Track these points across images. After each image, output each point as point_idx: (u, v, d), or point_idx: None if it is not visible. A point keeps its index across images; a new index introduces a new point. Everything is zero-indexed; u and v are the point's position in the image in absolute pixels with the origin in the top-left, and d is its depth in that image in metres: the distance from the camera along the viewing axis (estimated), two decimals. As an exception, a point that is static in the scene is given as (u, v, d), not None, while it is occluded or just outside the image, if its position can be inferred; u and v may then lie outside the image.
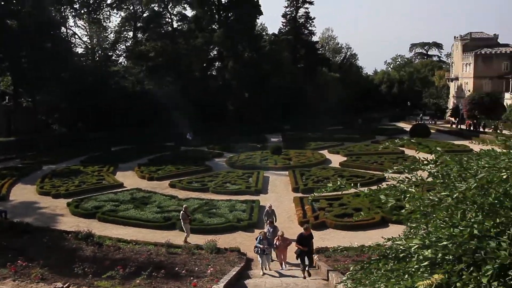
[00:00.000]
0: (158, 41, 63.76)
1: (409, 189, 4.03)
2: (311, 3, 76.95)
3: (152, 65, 62.22)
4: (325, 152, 43.76)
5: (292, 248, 16.77)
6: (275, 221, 20.07)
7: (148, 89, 61.44)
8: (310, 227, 18.34)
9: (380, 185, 4.09)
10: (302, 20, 77.84)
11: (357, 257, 15.44)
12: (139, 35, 70.21)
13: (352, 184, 3.96)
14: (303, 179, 31.64)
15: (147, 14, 68.67)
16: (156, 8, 67.50)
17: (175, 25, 69.19)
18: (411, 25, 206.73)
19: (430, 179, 4.22)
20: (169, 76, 62.25)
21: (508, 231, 3.50)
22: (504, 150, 4.25)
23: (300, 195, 27.36)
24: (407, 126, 62.98)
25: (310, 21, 77.85)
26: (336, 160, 39.51)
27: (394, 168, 4.55)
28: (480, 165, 3.91)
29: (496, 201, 3.64)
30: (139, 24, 69.67)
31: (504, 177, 3.72)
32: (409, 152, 38.56)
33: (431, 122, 69.35)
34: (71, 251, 16.53)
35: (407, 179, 4.04)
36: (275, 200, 26.45)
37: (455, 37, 75.52)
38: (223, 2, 68.11)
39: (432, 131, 56.80)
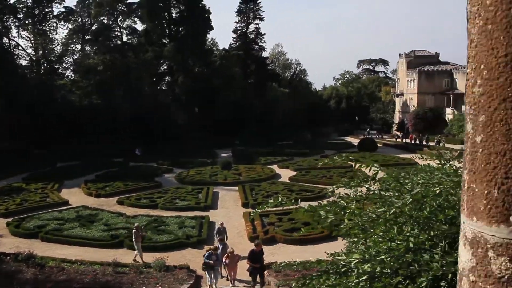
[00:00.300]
0: (107, 54, 62.59)
1: (349, 205, 4.13)
2: (261, 19, 77.98)
3: (100, 79, 60.93)
4: (275, 167, 44.04)
5: (243, 265, 16.71)
6: (226, 239, 19.97)
7: (97, 104, 60.11)
8: (261, 242, 18.36)
9: (320, 201, 4.16)
10: (253, 35, 78.61)
11: (307, 271, 15.54)
12: (87, 48, 68.77)
13: (293, 200, 4.01)
14: (252, 194, 31.69)
15: (96, 26, 67.35)
16: (105, 21, 66.31)
17: (124, 38, 68.16)
18: (358, 42, 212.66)
19: (376, 192, 4.34)
20: (118, 90, 61.20)
21: (441, 244, 3.63)
22: (440, 165, 4.43)
23: (250, 210, 27.28)
24: (355, 141, 64.33)
25: (261, 37, 78.75)
26: (285, 174, 39.81)
27: (334, 186, 4.63)
28: (415, 181, 4.05)
29: (431, 215, 3.78)
30: (87, 37, 68.24)
31: (438, 191, 3.86)
32: (357, 165, 39.31)
33: (378, 136, 71.21)
34: (10, 275, 15.79)
35: (346, 195, 4.14)
36: (225, 216, 26.34)
37: (400, 54, 78.32)
38: (173, 17, 67.85)
39: (379, 145, 58.24)
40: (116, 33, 67.40)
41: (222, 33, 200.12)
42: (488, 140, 1.38)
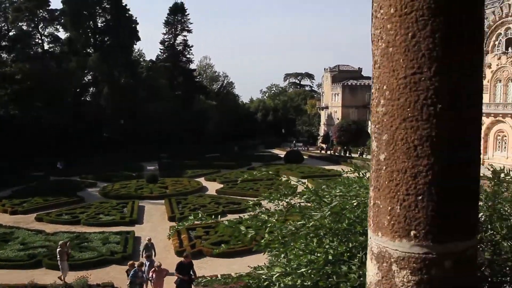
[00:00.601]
0: (26, 62, 59.62)
1: (270, 218, 4.15)
2: (189, 31, 77.57)
3: (18, 88, 57.90)
4: (202, 179, 43.79)
5: (169, 280, 16.39)
6: (155, 255, 19.51)
7: (14, 115, 57.07)
8: (189, 254, 18.10)
9: (241, 216, 4.16)
10: (181, 47, 78.01)
11: (235, 284, 15.50)
12: (4, 55, 65.18)
13: (213, 216, 3.98)
14: (179, 207, 31.28)
15: (14, 32, 64.05)
16: (24, 27, 63.22)
17: (46, 46, 65.29)
18: (285, 56, 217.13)
19: (296, 205, 4.40)
20: (38, 101, 58.40)
21: (359, 255, 3.73)
22: (357, 177, 4.57)
23: (176, 224, 26.91)
24: (282, 153, 65.24)
25: (188, 49, 78.30)
26: (212, 187, 39.70)
27: (255, 199, 4.65)
28: (333, 194, 4.16)
29: (349, 227, 3.88)
30: (4, 43, 64.68)
31: (355, 204, 3.98)
32: (283, 178, 39.92)
33: (304, 149, 72.70)
34: None
35: (266, 209, 4.17)
36: (151, 230, 25.79)
37: (325, 68, 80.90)
38: (99, 26, 65.96)
39: (305, 157, 59.51)
40: (37, 40, 64.55)
41: (150, 44, 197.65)
42: (391, 158, 1.43)
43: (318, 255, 3.79)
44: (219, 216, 3.94)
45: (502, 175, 5.51)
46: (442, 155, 1.36)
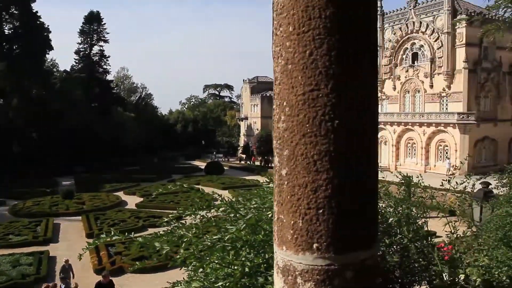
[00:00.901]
0: None
1: (186, 233, 4.09)
2: (106, 41, 75.41)
3: None
4: (121, 193, 42.62)
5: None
6: (73, 277, 18.62)
7: None
8: (108, 273, 17.44)
9: (157, 232, 4.06)
10: (97, 58, 75.63)
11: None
12: None
13: (126, 234, 3.87)
14: (97, 223, 30.15)
15: None
16: None
17: None
18: (204, 68, 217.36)
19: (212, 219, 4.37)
20: None
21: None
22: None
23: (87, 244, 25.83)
24: (202, 164, 65.07)
25: (105, 59, 76.10)
26: (132, 201, 38.74)
27: (170, 216, 4.57)
28: (248, 206, 4.18)
29: (266, 238, 3.91)
30: None
31: (270, 215, 4.02)
32: (205, 189, 39.73)
33: (224, 160, 72.98)
34: None
35: (182, 224, 4.11)
36: (68, 249, 24.59)
37: (244, 80, 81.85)
38: (6, 33, 62.38)
39: (225, 167, 59.70)
40: None
41: (64, 54, 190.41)
42: (292, 173, 1.46)
43: (235, 267, 3.79)
44: (140, 230, 3.80)
45: (416, 179, 5.84)
46: (340, 169, 1.41)
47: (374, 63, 1.49)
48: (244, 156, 72.04)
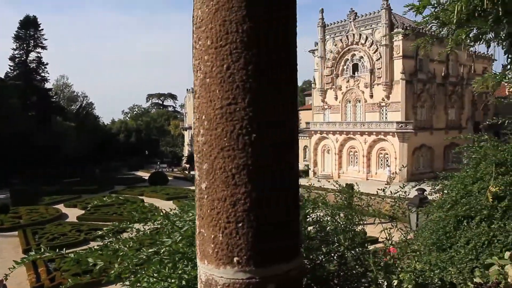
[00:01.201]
0: None
1: (122, 247, 3.99)
2: (44, 47, 72.65)
3: None
4: (61, 206, 41.19)
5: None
6: (8, 298, 17.77)
7: None
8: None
9: (90, 247, 3.94)
10: (34, 65, 72.79)
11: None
12: None
13: (57, 250, 3.72)
14: (35, 238, 28.95)
15: None
16: None
17: None
18: (148, 76, 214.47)
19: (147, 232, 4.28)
20: None
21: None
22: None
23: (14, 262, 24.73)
24: (146, 175, 64.05)
25: (43, 67, 73.33)
26: (73, 214, 37.51)
27: (105, 229, 4.45)
28: (185, 218, 4.14)
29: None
30: None
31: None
32: (148, 200, 39.07)
33: (168, 170, 72.10)
34: None
35: (118, 238, 4.01)
36: (2, 267, 23.40)
37: (187, 89, 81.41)
38: None
39: (170, 178, 59.02)
40: None
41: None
42: (212, 187, 1.46)
43: (172, 281, 3.74)
44: (81, 244, 3.69)
45: (356, 188, 5.98)
46: (259, 182, 1.41)
47: (293, 76, 1.51)
48: (188, 166, 71.45)
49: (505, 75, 4.83)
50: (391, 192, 5.63)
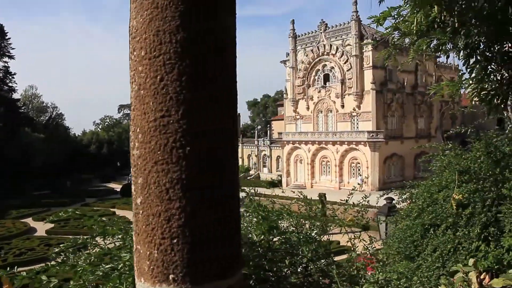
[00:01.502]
0: None
1: (80, 262, 3.90)
2: (11, 57, 71.17)
3: None
4: (29, 220, 40.34)
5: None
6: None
7: None
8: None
9: (48, 263, 3.84)
10: (1, 74, 71.20)
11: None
12: None
13: (8, 268, 3.60)
14: (1, 254, 28.24)
15: None
16: None
17: None
18: (119, 87, 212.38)
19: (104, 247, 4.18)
20: None
21: None
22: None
23: (-3, 272, 24.17)
24: (118, 186, 63.23)
25: (11, 77, 71.85)
26: (42, 228, 36.66)
27: (62, 246, 4.33)
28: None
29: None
30: None
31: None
32: (120, 212, 38.54)
33: (141, 181, 71.33)
34: None
35: (78, 253, 3.93)
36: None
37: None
38: None
39: (142, 189, 58.35)
40: None
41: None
42: (146, 202, 1.41)
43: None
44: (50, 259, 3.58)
45: (323, 199, 5.99)
46: (193, 197, 1.37)
47: (232, 87, 1.48)
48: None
49: (461, 83, 4.91)
50: (353, 203, 5.65)
